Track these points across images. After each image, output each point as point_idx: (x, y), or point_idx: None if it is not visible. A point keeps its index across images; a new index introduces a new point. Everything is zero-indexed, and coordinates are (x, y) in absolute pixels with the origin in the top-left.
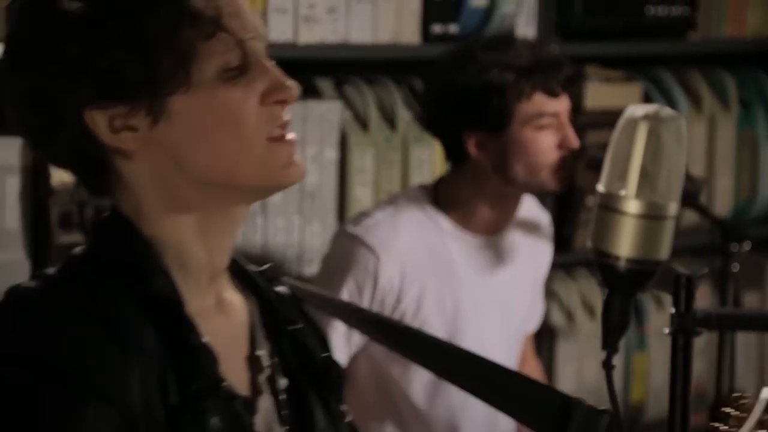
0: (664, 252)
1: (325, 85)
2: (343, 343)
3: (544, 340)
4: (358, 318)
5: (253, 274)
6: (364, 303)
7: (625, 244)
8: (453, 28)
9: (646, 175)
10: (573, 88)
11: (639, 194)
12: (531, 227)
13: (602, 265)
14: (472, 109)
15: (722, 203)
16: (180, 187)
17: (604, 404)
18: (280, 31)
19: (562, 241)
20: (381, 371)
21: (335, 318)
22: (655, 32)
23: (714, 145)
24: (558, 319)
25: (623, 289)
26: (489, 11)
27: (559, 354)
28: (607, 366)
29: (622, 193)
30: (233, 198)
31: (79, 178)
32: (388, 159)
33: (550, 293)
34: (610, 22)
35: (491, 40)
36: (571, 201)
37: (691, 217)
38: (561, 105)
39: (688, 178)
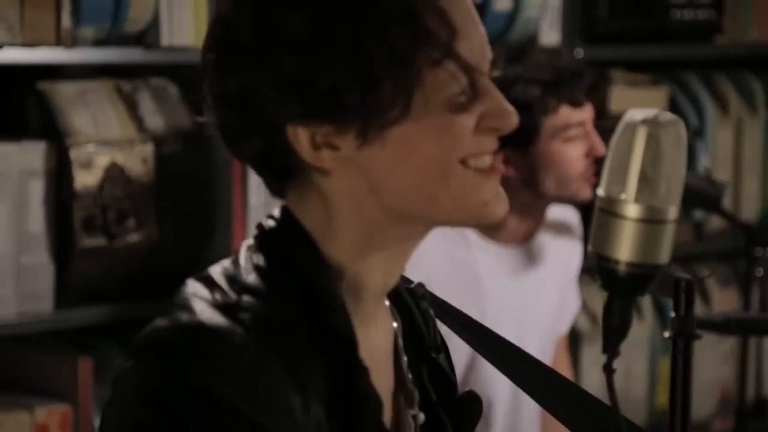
0: (663, 256)
1: None
2: None
3: (570, 344)
4: (479, 337)
5: (402, 290)
6: None
7: (624, 248)
8: None
9: (645, 180)
10: (596, 94)
11: (638, 198)
12: (560, 228)
13: (602, 269)
14: None
15: (749, 207)
16: (373, 211)
17: (629, 409)
18: None
19: (585, 245)
20: None
21: (462, 336)
22: (682, 36)
23: (741, 149)
24: (583, 323)
25: (623, 293)
26: (512, 16)
27: (585, 358)
28: (608, 370)
29: (622, 197)
30: (427, 227)
31: (264, 179)
32: None
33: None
34: (635, 25)
35: (509, 52)
36: (594, 206)
37: (717, 221)
38: (586, 114)
39: (711, 182)
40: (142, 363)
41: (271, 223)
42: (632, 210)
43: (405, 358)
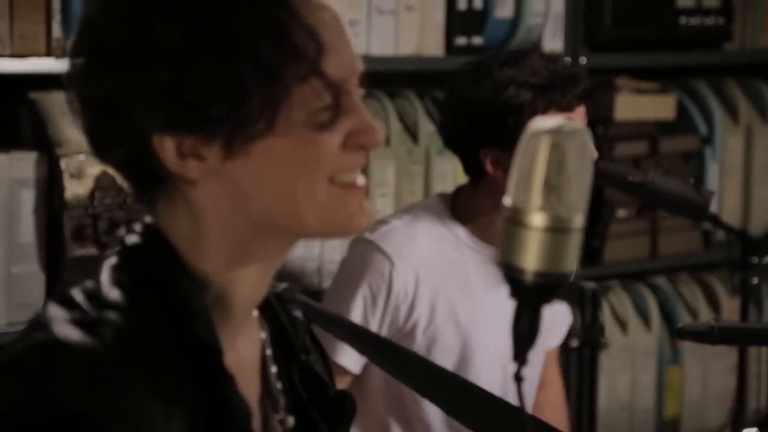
0: (570, 265)
1: None
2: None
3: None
4: (365, 342)
5: (269, 297)
6: (378, 309)
7: (530, 258)
8: (477, 40)
9: (550, 189)
10: (597, 100)
11: (543, 208)
12: None
13: (510, 278)
14: (488, 126)
15: (760, 216)
16: (240, 224)
17: (637, 420)
18: None
19: (591, 254)
20: (394, 384)
21: (343, 341)
22: (690, 43)
23: (751, 157)
24: None
25: (531, 302)
26: (514, 23)
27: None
28: (518, 378)
29: (527, 206)
30: (293, 239)
31: (132, 187)
32: (409, 171)
33: None
34: (641, 32)
35: (508, 55)
36: (601, 214)
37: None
38: (576, 117)
39: (697, 191)
40: None
41: (133, 238)
42: (537, 219)
43: (273, 367)
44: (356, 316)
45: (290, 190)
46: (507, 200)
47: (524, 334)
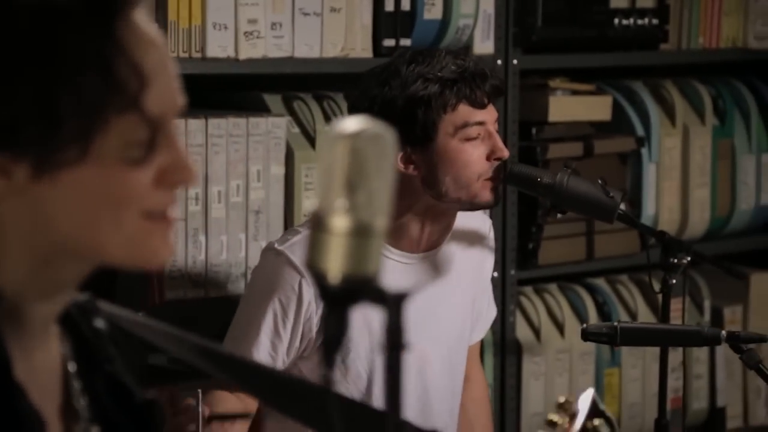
0: (372, 267)
1: (273, 100)
2: (269, 359)
3: (511, 356)
4: (180, 345)
5: (71, 309)
6: (289, 322)
7: (334, 261)
8: (405, 42)
9: (350, 192)
10: (500, 96)
11: (345, 211)
12: (470, 237)
13: (316, 281)
14: (397, 124)
15: (699, 218)
16: (39, 243)
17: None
18: (221, 47)
19: (527, 256)
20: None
21: (159, 345)
22: (626, 44)
23: (688, 157)
24: (525, 335)
25: (337, 304)
26: (443, 24)
27: (526, 371)
28: (327, 379)
29: (329, 210)
30: (96, 264)
31: None
32: None
33: (517, 308)
34: (575, 34)
35: (415, 53)
36: (535, 216)
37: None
38: (487, 115)
39: (607, 194)
40: None
41: None
42: (339, 223)
43: (76, 380)
44: (267, 329)
45: (95, 220)
46: (313, 204)
47: (332, 336)
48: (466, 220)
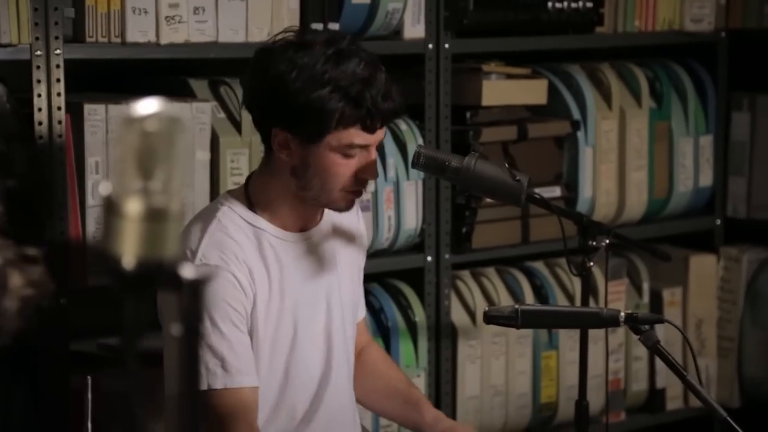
0: (168, 251)
1: (199, 85)
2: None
3: (446, 339)
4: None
5: None
6: (242, 313)
7: (128, 246)
8: (334, 26)
9: (144, 176)
10: (394, 120)
11: (137, 196)
12: (343, 233)
13: (109, 269)
14: (289, 111)
15: (637, 200)
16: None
17: (514, 404)
18: (141, 31)
19: (461, 240)
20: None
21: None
22: (561, 28)
23: (625, 140)
24: (460, 318)
25: (131, 290)
26: (372, 8)
27: (462, 354)
28: (128, 367)
29: (122, 195)
30: None
31: None
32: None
33: (452, 292)
34: (508, 17)
35: (335, 53)
36: (468, 201)
37: (600, 215)
38: (374, 138)
39: (513, 177)
40: None
41: None
42: (132, 207)
43: None
44: (232, 330)
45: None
46: (105, 190)
47: (131, 321)
48: (340, 218)
